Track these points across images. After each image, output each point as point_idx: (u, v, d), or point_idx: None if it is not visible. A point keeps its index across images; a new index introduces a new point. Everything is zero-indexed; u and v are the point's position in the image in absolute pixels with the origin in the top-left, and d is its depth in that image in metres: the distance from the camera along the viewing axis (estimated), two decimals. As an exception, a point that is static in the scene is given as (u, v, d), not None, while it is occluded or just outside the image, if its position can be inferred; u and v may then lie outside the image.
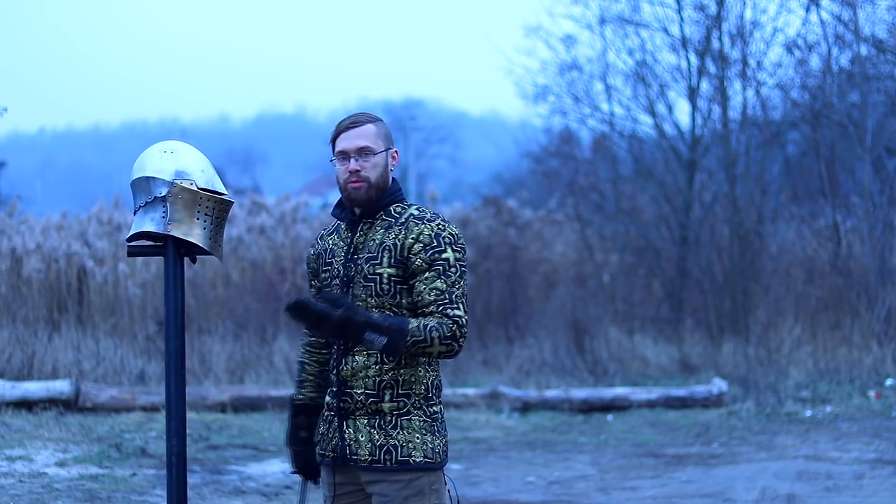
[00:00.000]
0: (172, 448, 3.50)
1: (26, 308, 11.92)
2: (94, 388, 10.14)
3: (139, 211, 3.54)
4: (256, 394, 10.55)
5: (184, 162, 3.54)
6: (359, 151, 3.43)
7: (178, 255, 3.54)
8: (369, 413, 3.41)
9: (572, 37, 15.78)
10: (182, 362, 3.53)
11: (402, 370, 3.39)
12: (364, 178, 3.43)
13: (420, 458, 3.40)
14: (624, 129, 15.84)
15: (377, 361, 3.39)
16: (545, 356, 12.99)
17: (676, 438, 9.65)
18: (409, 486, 3.41)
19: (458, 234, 3.43)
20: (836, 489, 7.49)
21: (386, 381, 3.39)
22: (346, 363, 3.43)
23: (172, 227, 3.49)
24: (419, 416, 3.42)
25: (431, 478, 3.44)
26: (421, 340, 3.29)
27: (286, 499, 7.28)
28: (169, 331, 3.52)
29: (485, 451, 9.10)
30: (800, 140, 15.84)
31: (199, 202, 3.52)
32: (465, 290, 3.39)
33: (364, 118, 3.49)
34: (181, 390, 3.52)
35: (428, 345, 3.30)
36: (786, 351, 12.65)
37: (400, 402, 3.40)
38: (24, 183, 49.38)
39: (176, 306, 3.53)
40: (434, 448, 3.43)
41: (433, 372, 3.45)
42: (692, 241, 14.78)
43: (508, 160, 27.82)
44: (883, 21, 13.77)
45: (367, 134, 3.45)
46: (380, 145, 3.46)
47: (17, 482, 7.41)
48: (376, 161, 3.44)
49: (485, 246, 15.15)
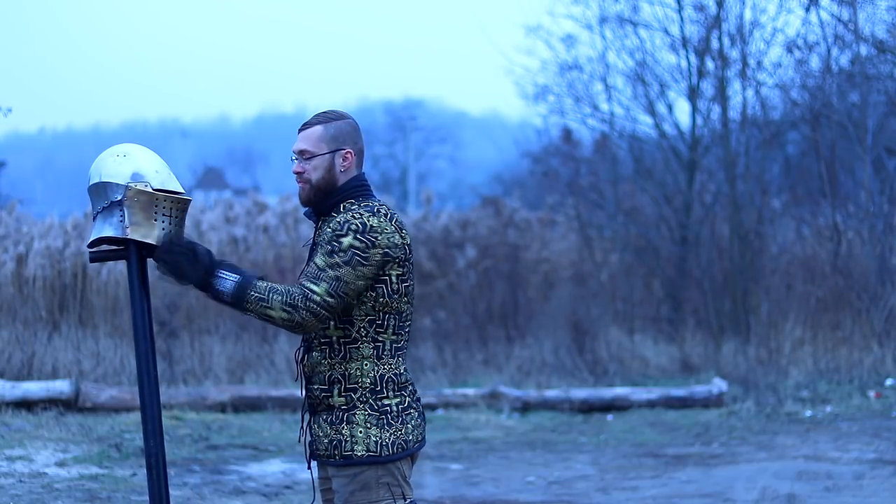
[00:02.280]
0: (151, 450, 3.51)
1: (26, 308, 11.92)
2: (94, 388, 10.13)
3: (97, 217, 3.53)
4: (256, 394, 10.55)
5: (137, 164, 3.52)
6: (300, 154, 3.52)
7: (140, 257, 3.52)
8: (325, 408, 3.47)
9: (572, 36, 15.77)
10: (153, 364, 3.53)
11: (349, 364, 3.42)
12: (306, 179, 3.51)
13: (362, 452, 3.40)
14: (624, 129, 15.83)
15: (325, 356, 3.44)
16: (545, 356, 12.99)
17: (676, 438, 9.65)
18: (354, 480, 3.42)
19: (373, 226, 3.39)
20: (836, 489, 7.49)
21: (335, 376, 3.44)
22: (308, 359, 3.50)
23: (131, 231, 3.47)
24: (364, 410, 3.41)
25: (379, 471, 3.42)
26: (263, 299, 3.31)
27: (286, 499, 7.28)
28: (138, 333, 3.52)
29: (485, 451, 9.10)
30: (800, 140, 15.84)
31: (156, 203, 3.49)
32: (345, 276, 3.35)
33: (317, 119, 3.55)
34: (154, 392, 3.52)
35: (268, 306, 3.31)
36: (786, 351, 12.65)
37: (347, 396, 3.43)
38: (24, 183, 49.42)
39: (143, 308, 3.53)
40: (380, 442, 3.41)
41: (384, 366, 3.44)
42: (692, 241, 14.78)
43: (508, 160, 27.82)
44: (883, 21, 13.76)
45: (309, 137, 3.51)
46: (321, 148, 3.50)
47: (17, 482, 7.41)
48: (316, 164, 3.49)
49: (485, 246, 15.15)
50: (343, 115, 3.57)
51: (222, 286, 3.35)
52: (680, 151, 15.26)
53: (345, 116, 3.57)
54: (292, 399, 10.46)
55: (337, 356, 3.43)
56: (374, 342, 3.43)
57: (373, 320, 3.43)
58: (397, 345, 3.47)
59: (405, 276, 3.47)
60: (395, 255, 3.42)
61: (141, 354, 3.52)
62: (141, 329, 3.52)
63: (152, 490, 3.49)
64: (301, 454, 8.64)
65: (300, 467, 8.21)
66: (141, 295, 3.53)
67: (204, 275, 3.37)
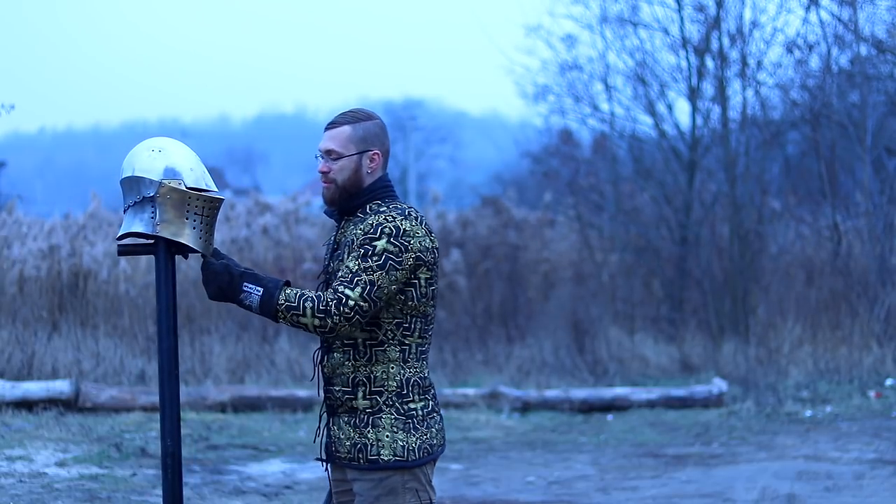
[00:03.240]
0: (167, 449, 3.46)
1: (26, 308, 11.92)
2: (94, 388, 10.14)
3: (128, 210, 3.47)
4: (256, 394, 10.55)
5: (172, 160, 3.46)
6: (326, 153, 3.46)
7: (169, 253, 3.47)
8: (347, 410, 3.41)
9: (573, 36, 15.79)
10: (175, 362, 3.47)
11: (374, 367, 3.38)
12: (331, 179, 3.45)
13: (389, 457, 3.36)
14: (624, 129, 15.84)
15: (349, 358, 3.39)
16: (545, 356, 12.99)
17: (676, 438, 9.65)
18: (380, 485, 3.38)
19: (406, 230, 3.35)
20: (836, 489, 7.49)
21: (359, 379, 3.38)
22: (328, 360, 3.44)
23: (161, 228, 3.42)
24: (391, 413, 3.37)
25: (405, 476, 3.38)
26: (294, 307, 3.28)
27: (286, 499, 7.28)
28: (161, 330, 3.47)
29: (485, 451, 9.10)
30: (800, 140, 15.84)
31: (188, 202, 3.43)
32: (379, 280, 3.29)
33: (343, 119, 3.48)
34: (175, 390, 3.47)
35: (300, 314, 3.27)
36: (786, 351, 12.65)
37: (372, 399, 3.38)
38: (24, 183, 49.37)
39: (168, 305, 3.48)
40: (406, 446, 3.37)
41: (410, 369, 3.40)
42: (692, 241, 14.78)
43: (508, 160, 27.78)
44: (883, 21, 13.77)
45: (337, 136, 3.45)
46: (349, 149, 3.44)
47: (17, 482, 7.41)
48: (343, 164, 3.44)
49: (485, 246, 15.15)
50: (371, 115, 3.51)
51: (248, 300, 3.31)
52: (680, 151, 15.27)
53: (372, 116, 3.51)
54: (292, 399, 10.47)
55: (362, 358, 3.38)
56: (401, 345, 3.39)
57: (400, 323, 3.38)
58: (422, 348, 3.44)
59: (432, 279, 3.43)
60: (426, 258, 3.38)
61: (164, 351, 3.47)
62: (165, 326, 3.47)
63: (166, 489, 3.46)
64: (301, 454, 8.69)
65: (300, 467, 8.22)
66: (167, 292, 3.47)
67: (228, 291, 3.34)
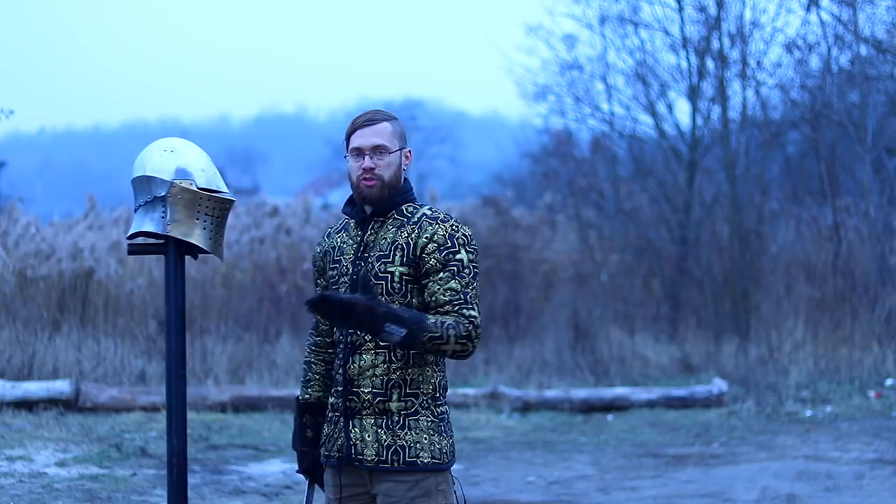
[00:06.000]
0: (173, 448, 3.46)
1: (27, 308, 11.92)
2: (95, 388, 10.14)
3: (139, 210, 3.48)
4: (257, 394, 10.55)
5: (184, 161, 3.47)
6: (374, 149, 3.40)
7: (178, 253, 3.48)
8: (376, 412, 3.38)
9: (573, 36, 15.81)
10: (183, 362, 3.48)
11: (411, 369, 3.37)
12: (378, 176, 3.39)
13: (428, 459, 3.37)
14: (624, 129, 15.85)
15: (385, 360, 3.36)
16: (546, 356, 12.99)
17: (676, 438, 9.65)
18: (416, 486, 3.37)
19: (470, 235, 3.39)
20: (836, 489, 7.50)
21: (394, 381, 3.37)
22: (354, 361, 3.39)
23: (172, 228, 3.43)
24: (427, 416, 3.39)
25: (438, 478, 3.40)
26: (437, 337, 3.26)
27: (286, 499, 7.28)
28: (170, 330, 3.48)
29: (485, 451, 9.10)
30: (800, 140, 15.85)
31: (199, 202, 3.44)
32: (478, 291, 3.37)
33: (380, 116, 3.45)
34: (182, 390, 3.47)
35: (444, 342, 3.27)
36: (786, 351, 12.65)
37: (408, 401, 3.38)
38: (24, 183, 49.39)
39: (177, 305, 3.48)
40: (441, 448, 3.40)
41: (440, 372, 3.44)
42: (692, 241, 14.79)
43: (508, 160, 27.79)
44: (883, 21, 13.77)
45: (382, 132, 3.41)
46: (395, 144, 3.42)
47: (17, 482, 7.41)
48: (390, 160, 3.40)
49: (485, 246, 15.15)
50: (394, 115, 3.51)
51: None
52: (680, 151, 15.27)
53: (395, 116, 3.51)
54: (292, 399, 10.42)
55: (397, 360, 3.36)
56: None
57: None
58: None
59: None
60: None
61: (171, 351, 3.47)
62: (173, 326, 3.47)
63: (171, 488, 3.46)
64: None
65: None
66: (176, 292, 3.48)
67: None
